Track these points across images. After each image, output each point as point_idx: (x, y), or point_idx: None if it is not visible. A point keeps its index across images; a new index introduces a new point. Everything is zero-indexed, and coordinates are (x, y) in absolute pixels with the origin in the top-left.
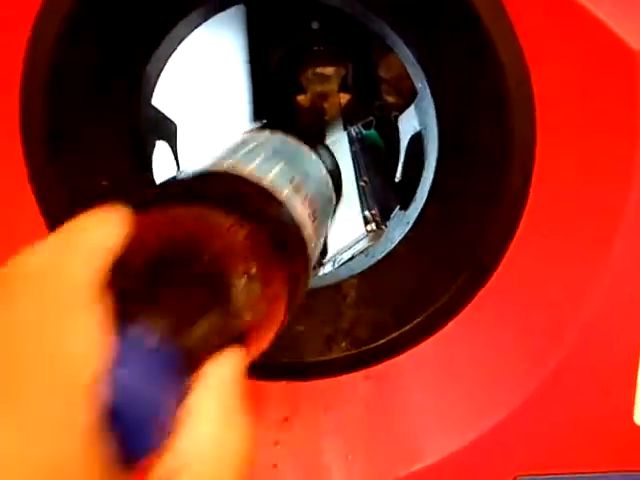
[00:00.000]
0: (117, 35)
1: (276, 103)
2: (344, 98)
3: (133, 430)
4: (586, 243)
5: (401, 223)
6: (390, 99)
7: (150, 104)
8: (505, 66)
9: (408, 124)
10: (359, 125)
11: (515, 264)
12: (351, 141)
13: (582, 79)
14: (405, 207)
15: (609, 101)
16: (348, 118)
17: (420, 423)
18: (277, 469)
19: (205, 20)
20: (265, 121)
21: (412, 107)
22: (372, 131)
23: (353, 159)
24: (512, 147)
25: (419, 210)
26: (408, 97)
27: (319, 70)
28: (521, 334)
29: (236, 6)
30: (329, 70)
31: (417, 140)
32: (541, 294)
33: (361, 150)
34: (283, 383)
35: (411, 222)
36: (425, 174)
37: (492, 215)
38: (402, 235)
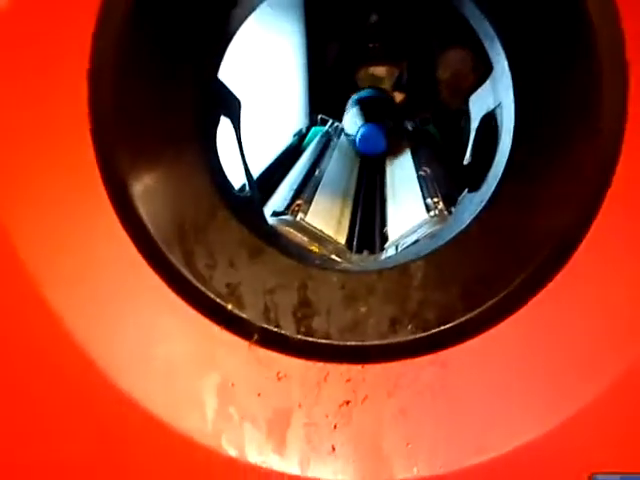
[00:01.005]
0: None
1: (332, 98)
2: (399, 97)
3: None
4: None
5: (471, 204)
6: (447, 99)
7: (217, 78)
8: (598, 35)
9: (481, 103)
10: (416, 121)
11: (595, 249)
12: (409, 136)
13: None
14: (475, 188)
15: None
16: (404, 115)
17: (488, 412)
18: (335, 453)
19: None
20: (321, 116)
21: (486, 85)
22: (431, 126)
23: (412, 152)
24: (599, 119)
25: (493, 189)
26: (466, 95)
27: (371, 70)
28: (601, 319)
29: None
30: (380, 70)
31: (488, 120)
32: (624, 276)
33: (419, 144)
34: (345, 366)
35: (483, 202)
36: (499, 152)
37: (574, 193)
38: (473, 216)
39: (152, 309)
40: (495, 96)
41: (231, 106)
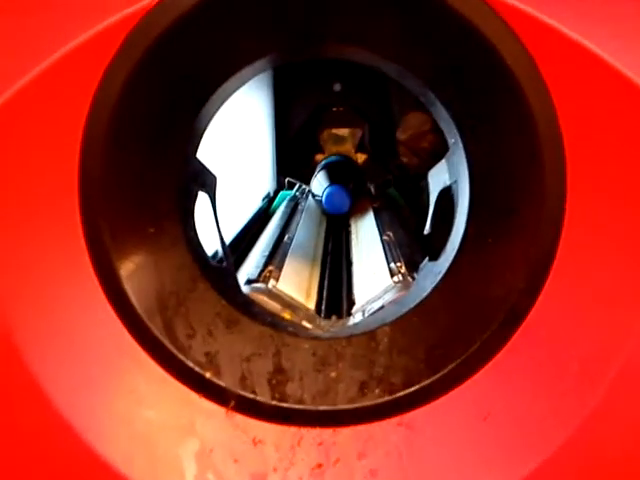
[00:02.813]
0: (170, 93)
1: (298, 161)
2: (361, 158)
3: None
4: (618, 291)
5: (431, 273)
6: (405, 160)
7: (196, 157)
8: (537, 122)
9: (438, 179)
10: (379, 183)
11: (547, 310)
12: (372, 198)
13: (612, 135)
14: (434, 258)
15: (638, 155)
16: (367, 177)
17: (454, 471)
18: None
19: (251, 78)
20: (288, 179)
21: (442, 162)
22: (392, 190)
23: (375, 215)
24: (543, 197)
25: (451, 260)
26: (424, 158)
27: (334, 131)
28: (554, 380)
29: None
30: (344, 132)
31: (445, 194)
32: (574, 340)
33: (382, 207)
34: (316, 429)
35: (442, 271)
36: (456, 225)
37: (524, 260)
38: (434, 284)
39: (134, 379)
40: (451, 173)
41: (208, 182)
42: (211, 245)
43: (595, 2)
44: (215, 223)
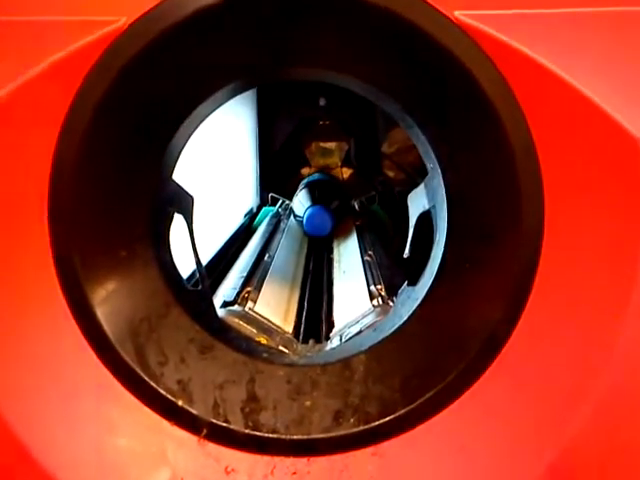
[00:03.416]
0: (144, 114)
1: (282, 175)
2: (347, 172)
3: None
4: (596, 315)
5: (409, 299)
6: (392, 174)
7: (171, 179)
8: (515, 150)
9: (417, 203)
10: (362, 200)
11: (524, 340)
12: (355, 215)
13: (588, 164)
14: (413, 283)
15: (613, 184)
16: (351, 194)
17: None
18: None
19: (226, 101)
20: (271, 195)
21: (421, 186)
22: (376, 206)
23: (357, 233)
24: (521, 226)
25: (428, 286)
26: (410, 172)
27: (322, 144)
28: (533, 408)
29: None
30: (331, 144)
31: (425, 217)
32: (552, 367)
33: (365, 225)
34: (290, 458)
35: (420, 298)
36: (434, 251)
37: (502, 289)
38: (411, 311)
39: (104, 406)
40: (429, 198)
41: (184, 204)
42: (189, 266)
43: (570, 34)
44: (192, 245)
